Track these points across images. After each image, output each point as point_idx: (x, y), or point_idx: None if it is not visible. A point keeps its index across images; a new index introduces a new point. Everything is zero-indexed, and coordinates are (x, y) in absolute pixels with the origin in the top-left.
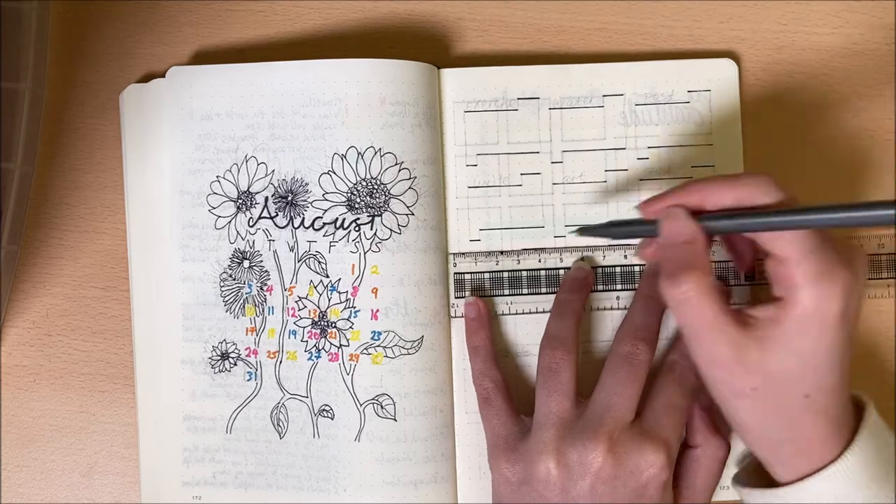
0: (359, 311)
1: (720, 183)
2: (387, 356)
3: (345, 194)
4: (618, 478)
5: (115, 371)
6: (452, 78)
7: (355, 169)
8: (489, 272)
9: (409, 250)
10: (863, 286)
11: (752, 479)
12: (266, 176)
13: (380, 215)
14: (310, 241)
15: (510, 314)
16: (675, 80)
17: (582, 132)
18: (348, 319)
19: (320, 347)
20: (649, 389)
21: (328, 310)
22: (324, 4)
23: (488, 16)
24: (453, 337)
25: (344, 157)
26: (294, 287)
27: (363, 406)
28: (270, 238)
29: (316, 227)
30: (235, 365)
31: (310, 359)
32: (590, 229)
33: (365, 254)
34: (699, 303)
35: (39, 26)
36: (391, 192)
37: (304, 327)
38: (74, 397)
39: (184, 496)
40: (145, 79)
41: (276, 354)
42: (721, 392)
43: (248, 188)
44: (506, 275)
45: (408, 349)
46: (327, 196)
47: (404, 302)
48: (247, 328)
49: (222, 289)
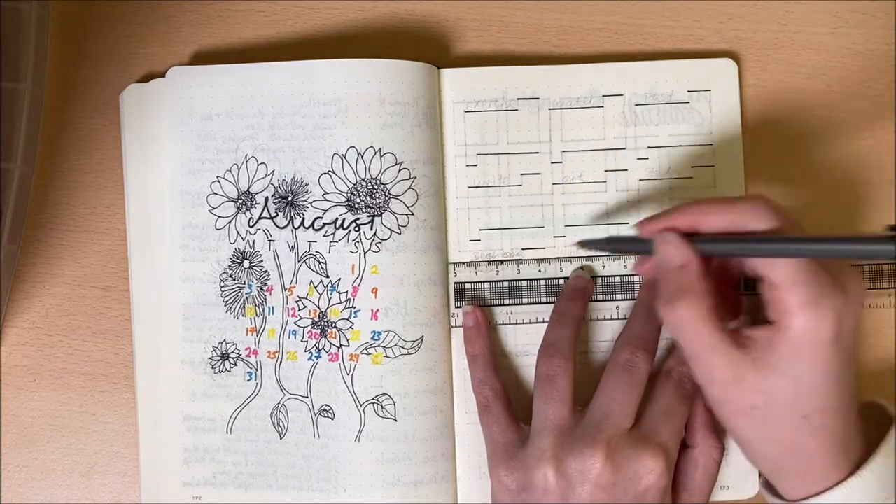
0: (359, 311)
1: (716, 206)
2: (387, 356)
3: (345, 194)
4: (616, 485)
5: (115, 371)
6: (452, 78)
7: (355, 169)
8: (489, 281)
9: (409, 250)
10: (859, 308)
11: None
12: (266, 176)
13: (380, 215)
14: (310, 242)
15: (510, 323)
16: (675, 80)
17: (582, 132)
18: (348, 319)
19: (320, 347)
20: (647, 396)
21: (328, 310)
22: (324, 4)
23: (488, 16)
24: (454, 346)
25: (344, 157)
26: (294, 287)
27: (363, 406)
28: (270, 238)
29: (316, 227)
30: (235, 365)
31: (310, 359)
32: (590, 243)
33: (365, 254)
34: (695, 326)
35: (39, 26)
36: (391, 192)
37: (304, 327)
38: (74, 397)
39: (184, 496)
40: (145, 79)
41: (277, 354)
42: (722, 410)
43: (248, 188)
44: (506, 284)
45: (408, 349)
46: (327, 196)
47: (404, 302)
48: (247, 328)
49: (222, 289)
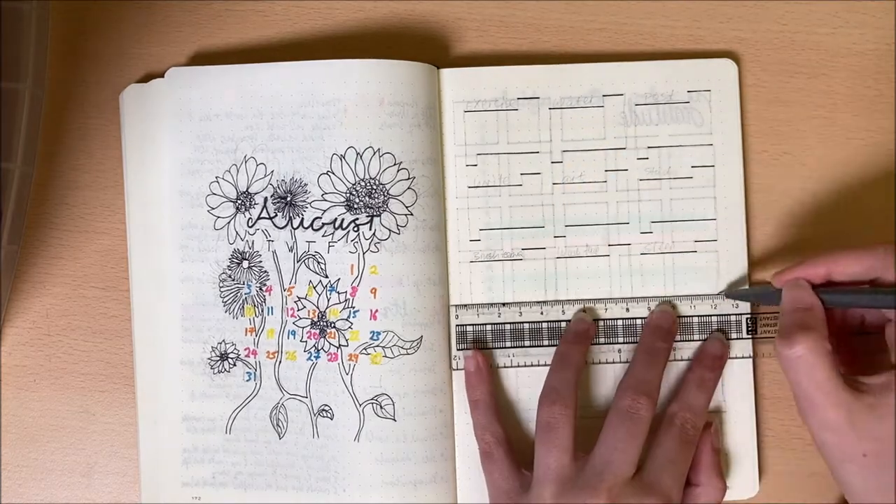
0: (358, 311)
1: (847, 254)
2: (386, 356)
3: (343, 194)
4: None
5: (115, 371)
6: (452, 78)
7: (354, 169)
8: (491, 324)
9: (408, 250)
10: None
11: None
12: (265, 176)
13: (378, 215)
14: (309, 242)
15: (512, 367)
16: (675, 80)
17: (582, 132)
18: (347, 319)
19: (319, 347)
20: (650, 441)
21: (327, 310)
22: (324, 4)
23: (488, 16)
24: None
25: (343, 157)
26: (293, 287)
27: (362, 406)
28: (269, 238)
29: (315, 227)
30: (235, 365)
31: (309, 359)
32: (734, 294)
33: (364, 254)
34: (812, 364)
35: (39, 26)
36: (390, 192)
37: (303, 327)
38: (74, 397)
39: (183, 496)
40: (145, 79)
41: (276, 355)
42: (831, 455)
43: (248, 189)
44: (507, 327)
45: (407, 349)
46: (326, 196)
47: (403, 302)
48: (246, 328)
49: (221, 289)
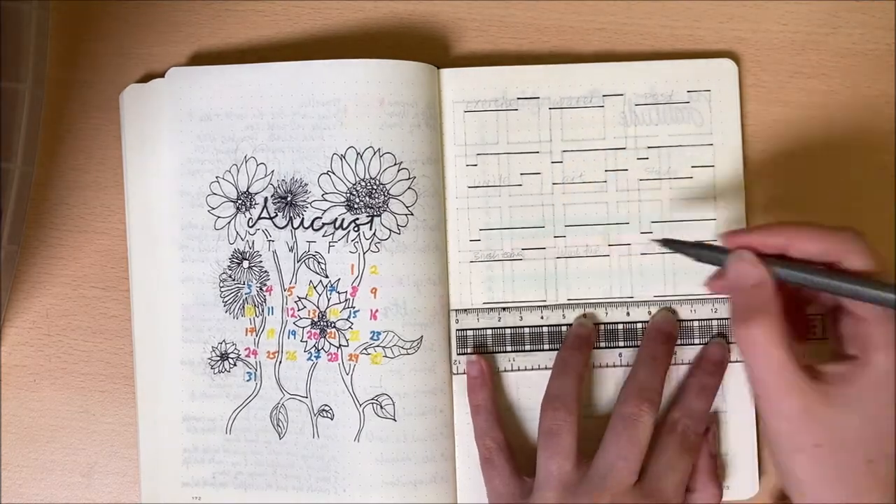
0: (358, 311)
1: (810, 230)
2: (386, 356)
3: (344, 194)
4: None
5: (115, 371)
6: (452, 78)
7: (354, 169)
8: (491, 328)
9: (409, 250)
10: None
11: None
12: (265, 176)
13: (379, 215)
14: (309, 242)
15: (512, 371)
16: (674, 80)
17: (582, 132)
18: (347, 319)
19: (320, 347)
20: (652, 447)
21: (327, 310)
22: (323, 4)
23: (488, 16)
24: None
25: (343, 157)
26: (293, 287)
27: (363, 406)
28: (270, 238)
29: (315, 227)
30: (235, 365)
31: (309, 359)
32: (674, 243)
33: (364, 254)
34: (767, 348)
35: (39, 26)
36: (390, 192)
37: (303, 327)
38: (74, 397)
39: (184, 497)
40: (145, 79)
41: (276, 355)
42: (781, 445)
43: (248, 188)
44: (508, 331)
45: (407, 349)
46: (326, 196)
47: (403, 302)
48: (246, 328)
49: (222, 289)
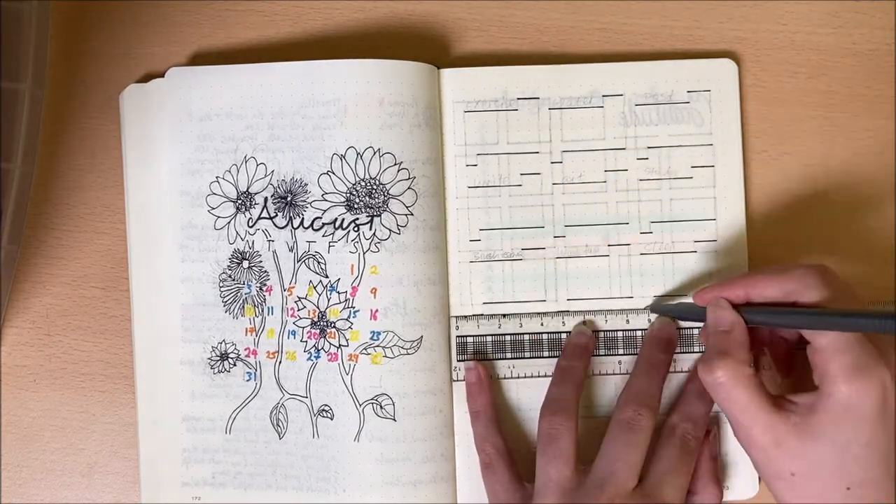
0: (358, 311)
1: (768, 276)
2: (386, 356)
3: (344, 194)
4: None
5: (115, 371)
6: (452, 78)
7: (354, 169)
8: (491, 335)
9: (409, 250)
10: None
11: None
12: (265, 176)
13: (379, 215)
14: (309, 242)
15: (512, 378)
16: (674, 80)
17: (582, 132)
18: (347, 319)
19: (319, 347)
20: (651, 452)
21: (327, 310)
22: (324, 4)
23: (488, 16)
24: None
25: (343, 157)
26: (293, 287)
27: (362, 406)
28: (270, 238)
29: (315, 227)
30: (235, 365)
31: (309, 359)
32: (658, 309)
33: (364, 254)
34: (732, 388)
35: (39, 26)
36: (390, 192)
37: (303, 327)
38: (74, 397)
39: (184, 496)
40: (145, 79)
41: (276, 355)
42: (763, 474)
43: (248, 188)
44: (508, 338)
45: (407, 349)
46: (326, 196)
47: (403, 302)
48: (246, 328)
49: (221, 289)
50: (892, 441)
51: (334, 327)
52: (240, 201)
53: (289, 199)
